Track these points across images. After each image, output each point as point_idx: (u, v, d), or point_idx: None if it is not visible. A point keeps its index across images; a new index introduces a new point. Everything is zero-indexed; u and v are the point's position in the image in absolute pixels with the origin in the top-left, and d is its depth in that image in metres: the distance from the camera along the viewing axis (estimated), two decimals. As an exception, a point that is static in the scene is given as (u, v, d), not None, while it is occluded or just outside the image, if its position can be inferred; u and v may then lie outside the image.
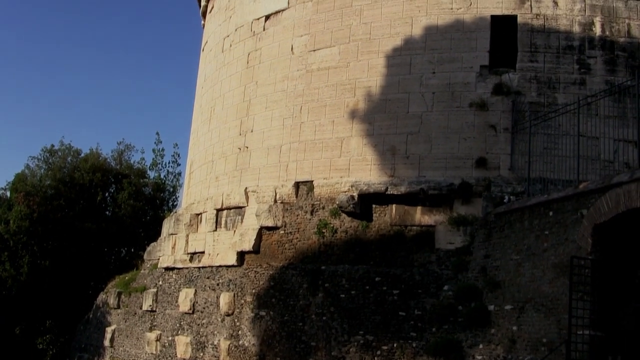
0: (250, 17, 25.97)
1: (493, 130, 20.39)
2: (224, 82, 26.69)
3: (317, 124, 22.36)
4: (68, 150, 47.80)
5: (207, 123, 27.51)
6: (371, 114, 21.53)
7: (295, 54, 23.61)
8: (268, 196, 22.82)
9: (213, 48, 28.92)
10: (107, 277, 35.80)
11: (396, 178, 20.69)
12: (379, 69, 21.77)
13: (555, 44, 20.93)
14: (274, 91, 23.80)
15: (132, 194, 45.18)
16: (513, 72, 20.77)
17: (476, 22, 21.19)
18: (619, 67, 20.74)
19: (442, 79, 21.03)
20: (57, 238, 41.13)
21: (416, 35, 21.54)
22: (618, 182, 14.47)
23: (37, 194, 42.24)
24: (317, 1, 23.57)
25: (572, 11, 21.11)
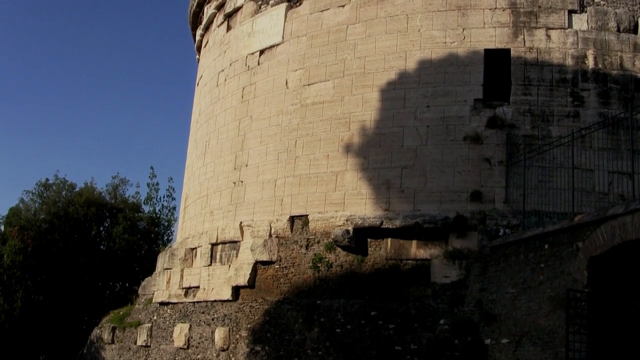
0: (245, 52, 26.08)
1: (487, 163, 20.42)
2: (219, 116, 26.74)
3: (311, 158, 22.38)
4: (63, 184, 47.76)
5: (202, 157, 27.52)
6: (366, 148, 21.55)
7: (289, 89, 23.68)
8: (263, 230, 22.78)
9: (208, 82, 29.00)
10: (102, 311, 35.58)
11: (391, 212, 20.67)
12: (374, 103, 21.83)
13: (549, 77, 21.01)
14: (269, 125, 23.84)
15: (127, 228, 45.08)
16: (507, 105, 20.83)
17: (470, 56, 21.30)
18: (612, 99, 20.81)
19: (437, 113, 21.08)
20: (51, 272, 40.98)
21: (410, 70, 21.64)
22: (613, 215, 14.48)
23: (31, 228, 42.13)
24: (311, 36, 23.70)
25: (565, 44, 21.23)
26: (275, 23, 24.97)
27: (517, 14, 21.50)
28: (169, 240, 47.36)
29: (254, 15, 26.39)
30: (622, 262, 14.88)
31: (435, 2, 22.02)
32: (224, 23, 28.67)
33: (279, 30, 24.72)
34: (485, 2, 21.70)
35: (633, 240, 14.02)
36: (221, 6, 29.38)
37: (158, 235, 48.21)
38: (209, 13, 30.58)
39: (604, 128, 19.63)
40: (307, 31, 23.85)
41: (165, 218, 49.10)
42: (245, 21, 26.84)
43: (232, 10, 28.09)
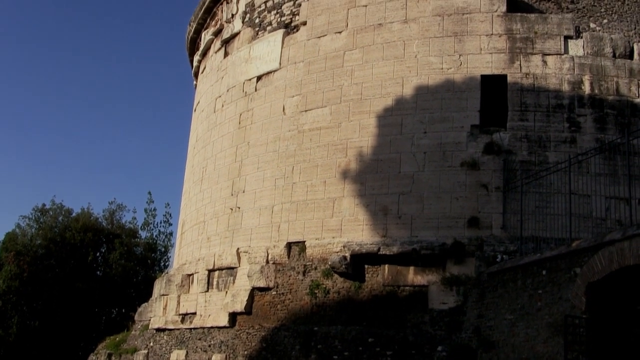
0: (242, 78, 26.13)
1: (485, 189, 20.40)
2: (216, 142, 26.75)
3: (308, 184, 22.36)
4: (59, 210, 47.81)
5: (199, 183, 27.50)
6: (363, 174, 21.54)
7: (287, 115, 23.70)
8: (260, 257, 22.71)
9: (205, 108, 29.03)
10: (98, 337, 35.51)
11: (388, 238, 20.63)
12: (371, 129, 21.85)
13: (545, 102, 21.04)
14: (266, 151, 23.84)
15: (124, 254, 45.08)
16: (504, 131, 20.85)
17: (466, 81, 21.35)
18: (608, 124, 20.83)
19: (434, 139, 21.09)
20: (47, 298, 40.93)
21: (407, 96, 21.68)
22: (611, 240, 14.43)
23: (27, 253, 42.14)
24: (308, 62, 23.75)
25: (561, 70, 21.29)
26: (273, 49, 25.05)
27: (514, 40, 21.57)
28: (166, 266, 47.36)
29: (251, 41, 26.48)
30: (621, 288, 14.83)
31: (431, 29, 22.11)
32: (222, 49, 28.76)
33: (276, 56, 24.80)
34: (482, 28, 21.79)
35: (631, 266, 13.97)
36: (218, 32, 29.51)
37: (155, 261, 48.19)
38: (207, 39, 30.71)
39: (601, 153, 19.63)
40: (305, 57, 23.92)
41: (162, 244, 49.14)
42: (242, 47, 26.92)
43: (229, 36, 28.21)
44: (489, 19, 21.86)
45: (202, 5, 31.06)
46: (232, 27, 28.17)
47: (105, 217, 48.97)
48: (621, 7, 22.45)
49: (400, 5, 22.68)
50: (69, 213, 47.83)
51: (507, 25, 21.73)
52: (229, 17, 28.63)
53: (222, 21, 29.26)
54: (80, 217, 47.13)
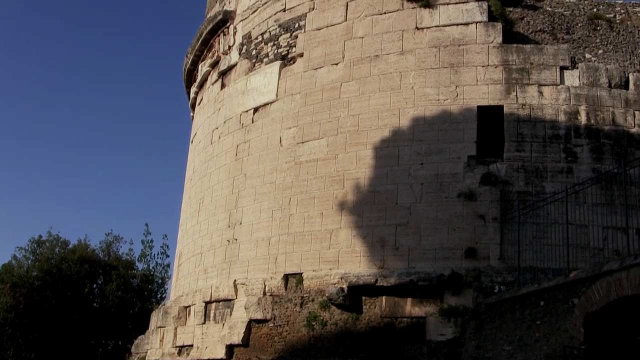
0: (239, 110, 26.18)
1: (482, 220, 20.39)
2: (213, 174, 26.76)
3: (306, 216, 22.33)
4: (56, 241, 47.75)
5: (196, 215, 27.48)
6: (360, 205, 21.53)
7: (283, 146, 23.72)
8: (257, 288, 22.64)
9: (202, 140, 29.07)
10: (94, 370, 35.35)
11: (386, 269, 20.57)
12: (368, 160, 21.87)
13: (542, 133, 21.07)
14: (263, 183, 23.84)
15: (120, 286, 44.95)
16: (500, 161, 20.87)
17: (463, 112, 21.39)
18: (605, 154, 20.86)
19: (430, 170, 21.11)
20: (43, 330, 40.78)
21: (404, 127, 21.71)
22: (608, 270, 14.40)
23: (23, 285, 42.03)
24: (305, 93, 23.81)
25: (558, 100, 21.34)
26: (270, 81, 25.12)
27: (510, 71, 21.65)
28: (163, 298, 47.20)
29: (248, 73, 26.55)
30: (619, 318, 14.79)
31: (428, 60, 22.20)
32: (218, 81, 28.84)
33: (273, 88, 24.86)
34: (478, 59, 21.88)
35: (629, 296, 13.93)
36: (215, 64, 29.60)
37: (152, 292, 48.06)
38: (204, 71, 30.79)
39: (598, 183, 19.60)
40: (301, 89, 23.98)
41: (159, 275, 49.01)
42: (239, 79, 26.99)
43: (226, 68, 28.30)
44: (485, 50, 21.95)
45: (199, 37, 31.18)
46: (229, 58, 28.27)
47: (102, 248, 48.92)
48: (616, 37, 22.56)
49: (396, 37, 22.80)
50: (66, 244, 47.77)
51: (503, 56, 21.82)
52: (226, 49, 28.73)
53: (219, 53, 29.36)
54: (77, 248, 47.05)
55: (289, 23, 25.52)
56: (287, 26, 25.57)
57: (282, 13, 25.91)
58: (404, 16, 23.03)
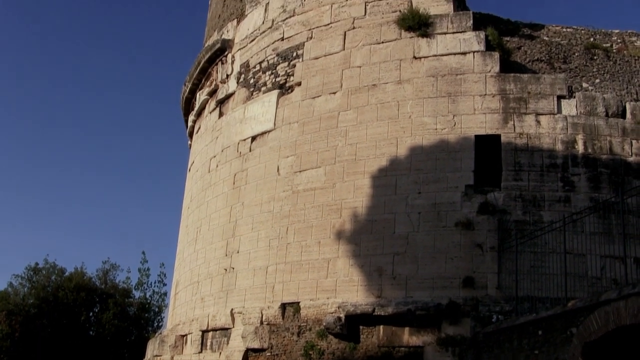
0: (237, 138, 26.20)
1: (479, 249, 20.36)
2: (210, 202, 26.74)
3: (303, 244, 22.28)
4: (52, 269, 47.72)
5: (193, 243, 27.43)
6: (357, 234, 21.49)
7: (281, 175, 23.70)
8: (254, 317, 22.54)
9: (199, 168, 29.07)
10: (90, 399, 35.17)
11: (383, 299, 20.50)
12: (365, 189, 21.85)
13: (539, 162, 21.08)
14: (260, 212, 23.80)
15: (117, 314, 44.85)
16: (498, 191, 20.86)
17: (460, 142, 21.41)
18: (602, 183, 20.86)
19: (428, 199, 21.09)
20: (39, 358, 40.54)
21: (401, 156, 21.72)
22: (606, 300, 14.34)
23: (19, 313, 41.93)
24: (302, 122, 23.83)
25: (555, 129, 21.37)
26: (267, 110, 25.15)
27: (507, 100, 21.69)
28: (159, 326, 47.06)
29: (245, 101, 26.59)
30: (617, 348, 14.73)
31: (425, 89, 22.25)
32: (216, 109, 28.88)
33: (271, 116, 24.89)
34: (475, 88, 21.93)
35: (628, 326, 13.87)
36: (213, 92, 29.66)
37: (148, 321, 47.93)
38: (201, 99, 30.84)
39: (595, 212, 19.62)
40: (299, 118, 24.00)
41: (155, 304, 48.90)
42: (237, 107, 27.03)
43: (224, 96, 28.35)
44: (482, 79, 22.02)
45: (198, 65, 31.26)
46: (227, 87, 28.34)
47: (98, 276, 48.86)
48: (613, 66, 22.64)
49: (394, 66, 22.87)
50: (62, 272, 47.70)
51: (500, 85, 21.88)
52: (224, 77, 28.81)
53: (217, 81, 29.44)
54: (74, 276, 46.97)
55: (286, 52, 25.61)
56: (285, 55, 25.65)
57: (280, 42, 26.02)
58: (401, 45, 23.12)
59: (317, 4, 25.43)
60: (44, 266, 47.56)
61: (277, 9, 26.87)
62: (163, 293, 49.07)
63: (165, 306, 48.06)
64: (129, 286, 48.80)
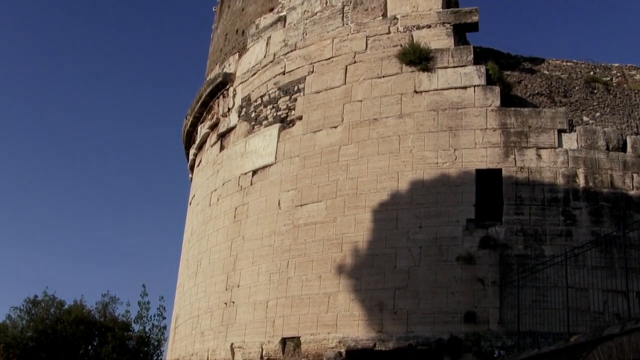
0: (238, 172, 26.20)
1: (481, 284, 20.28)
2: (211, 236, 26.68)
3: (304, 279, 22.19)
4: (51, 302, 47.55)
5: (193, 277, 27.34)
6: (358, 269, 21.41)
7: (282, 209, 23.67)
8: (254, 352, 22.40)
9: (200, 202, 29.06)
10: None
11: (384, 334, 20.39)
12: (366, 224, 21.81)
13: (540, 196, 21.07)
14: (261, 246, 23.73)
15: (116, 348, 44.64)
16: (499, 225, 20.82)
17: (461, 176, 21.41)
18: (604, 217, 20.82)
19: (429, 234, 21.04)
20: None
21: (402, 190, 21.71)
22: (609, 335, 14.29)
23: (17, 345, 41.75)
24: (303, 156, 23.85)
25: (556, 163, 21.38)
26: (268, 143, 25.18)
27: (508, 134, 21.72)
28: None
29: (247, 135, 26.62)
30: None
31: (426, 123, 22.29)
32: (217, 143, 28.92)
33: (272, 150, 24.91)
34: (476, 122, 21.97)
35: (630, 361, 13.84)
36: (215, 126, 29.72)
37: (147, 355, 47.66)
38: (203, 132, 30.91)
39: (597, 246, 19.58)
40: (300, 152, 24.03)
41: (155, 337, 48.64)
42: (238, 141, 27.07)
43: (225, 130, 28.39)
44: (483, 113, 22.06)
45: (199, 99, 31.34)
46: (228, 121, 28.40)
47: (98, 309, 48.66)
48: (613, 100, 22.71)
49: (395, 100, 22.93)
50: (61, 305, 47.53)
51: (501, 119, 21.92)
52: (225, 111, 28.88)
53: (218, 115, 29.50)
54: (73, 309, 46.82)
55: (288, 86, 25.70)
56: (286, 89, 25.73)
57: (282, 76, 26.11)
58: (402, 80, 23.19)
59: (319, 38, 25.57)
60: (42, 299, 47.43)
61: (279, 43, 27.01)
62: (163, 327, 48.88)
63: (165, 340, 47.83)
64: (129, 319, 48.62)
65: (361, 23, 24.93)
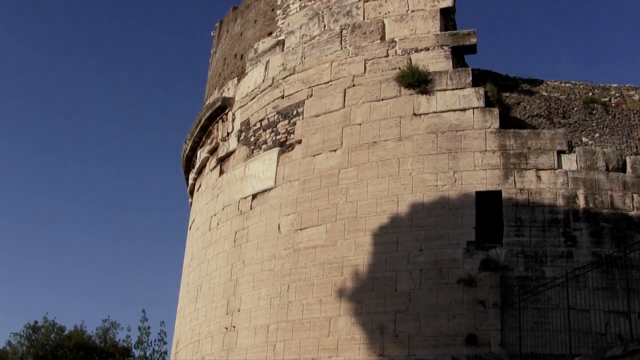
0: (238, 196, 26.20)
1: (482, 306, 20.22)
2: (211, 260, 26.64)
3: (304, 303, 22.13)
4: (52, 327, 47.50)
5: (194, 302, 27.28)
6: (359, 292, 21.34)
7: (282, 233, 23.65)
8: (256, 377, 22.36)
9: (200, 226, 29.03)
10: None
11: (385, 357, 20.29)
12: (366, 247, 21.77)
13: (541, 217, 21.04)
14: (261, 270, 23.68)
15: (117, 373, 44.48)
16: (500, 247, 20.78)
17: (461, 198, 21.40)
18: (604, 238, 20.78)
19: (430, 256, 21.00)
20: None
21: (402, 213, 21.69)
22: (612, 356, 14.25)
23: (17, 372, 41.61)
24: (303, 180, 23.85)
25: (556, 185, 21.37)
26: (268, 167, 25.19)
27: (507, 156, 21.72)
28: (160, 385, 46.61)
29: (246, 159, 26.64)
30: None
31: (425, 146, 22.30)
32: (217, 167, 28.94)
33: (271, 174, 24.91)
34: (476, 144, 21.98)
35: (633, 384, 13.77)
36: (214, 150, 29.74)
37: (149, 380, 47.49)
38: (202, 157, 30.93)
39: (598, 267, 19.54)
40: (299, 175, 24.03)
41: (155, 363, 48.44)
42: (237, 165, 27.08)
43: (224, 154, 28.42)
44: (482, 135, 22.07)
45: (198, 123, 31.39)
46: (227, 145, 28.42)
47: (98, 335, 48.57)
48: (612, 121, 22.73)
49: (394, 123, 22.96)
50: (62, 331, 47.46)
51: (500, 141, 21.93)
52: (225, 135, 28.91)
53: (217, 139, 29.53)
54: (73, 335, 46.74)
55: (287, 110, 25.73)
56: (285, 113, 25.77)
57: (281, 100, 26.16)
58: (401, 103, 23.23)
59: (317, 62, 25.63)
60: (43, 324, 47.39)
61: (278, 67, 27.07)
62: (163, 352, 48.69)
63: (165, 365, 47.75)
64: (129, 345, 48.48)
65: (359, 46, 24.99)
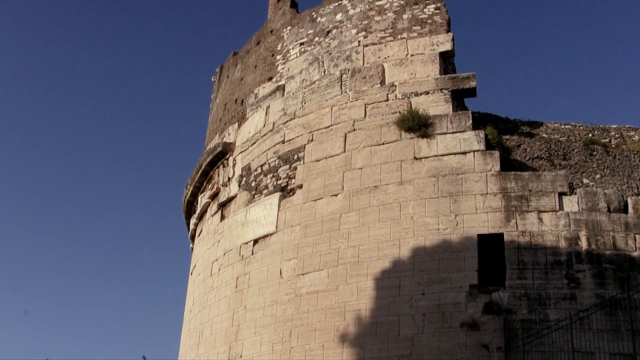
0: (239, 241, 26.15)
1: (486, 350, 20.08)
2: (213, 306, 26.53)
3: (307, 348, 21.98)
4: (53, 373, 47.17)
5: (195, 348, 27.12)
6: (362, 337, 21.20)
7: (284, 278, 23.57)
8: None
9: (201, 272, 28.95)
10: None
11: (390, 403, 20.19)
12: (368, 291, 21.67)
13: (543, 260, 20.96)
14: (263, 315, 23.57)
15: (119, 421, 44.19)
16: (503, 290, 20.69)
17: (463, 241, 21.35)
18: (607, 279, 20.68)
19: (432, 300, 20.89)
20: None
21: (404, 257, 21.63)
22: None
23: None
24: (305, 225, 23.82)
25: (557, 227, 21.32)
26: (269, 212, 25.18)
27: (509, 199, 21.71)
28: None
29: (247, 204, 26.65)
30: None
31: (427, 190, 22.30)
32: (218, 212, 28.93)
33: (273, 219, 24.90)
34: (477, 187, 21.98)
35: None
36: (215, 195, 29.76)
37: None
38: (203, 202, 30.93)
39: (602, 309, 19.44)
40: (301, 220, 24.02)
41: (158, 410, 48.19)
42: (239, 210, 27.08)
43: (225, 199, 28.43)
44: (483, 178, 22.08)
45: (199, 168, 31.44)
46: (228, 190, 28.45)
47: (100, 382, 48.36)
48: (612, 161, 22.75)
49: (395, 167, 22.99)
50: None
51: (501, 184, 21.93)
52: (226, 180, 28.94)
53: (218, 184, 29.56)
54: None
55: (288, 155, 25.78)
56: (286, 158, 25.81)
57: (281, 145, 26.21)
58: (402, 146, 23.28)
59: (318, 106, 25.72)
60: (44, 370, 47.30)
61: (278, 112, 27.17)
62: (166, 398, 48.57)
63: (168, 412, 47.49)
64: (131, 391, 48.36)
65: (360, 91, 25.10)
